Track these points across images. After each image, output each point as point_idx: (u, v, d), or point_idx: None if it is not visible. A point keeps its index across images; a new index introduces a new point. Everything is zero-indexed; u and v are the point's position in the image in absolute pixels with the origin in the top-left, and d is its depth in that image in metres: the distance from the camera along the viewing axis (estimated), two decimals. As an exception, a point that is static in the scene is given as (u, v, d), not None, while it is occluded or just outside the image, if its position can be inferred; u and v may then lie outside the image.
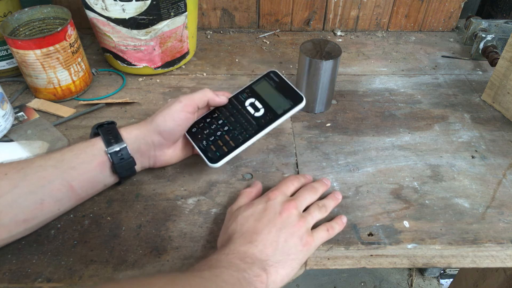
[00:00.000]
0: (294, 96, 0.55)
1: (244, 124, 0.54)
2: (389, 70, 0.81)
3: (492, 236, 0.50)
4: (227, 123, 0.54)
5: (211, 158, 0.52)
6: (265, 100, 0.56)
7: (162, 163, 0.55)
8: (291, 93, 0.55)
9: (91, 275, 0.44)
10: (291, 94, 0.55)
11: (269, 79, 0.57)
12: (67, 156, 0.47)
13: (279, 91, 0.56)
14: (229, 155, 0.52)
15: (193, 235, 0.49)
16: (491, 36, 0.81)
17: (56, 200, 0.46)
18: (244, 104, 0.56)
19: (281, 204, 0.47)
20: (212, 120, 0.55)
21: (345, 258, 0.50)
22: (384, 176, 0.58)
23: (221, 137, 0.53)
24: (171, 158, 0.55)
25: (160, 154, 0.53)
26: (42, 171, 0.45)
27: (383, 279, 1.44)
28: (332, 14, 0.91)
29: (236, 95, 0.57)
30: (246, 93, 0.57)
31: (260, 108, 0.55)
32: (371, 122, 0.67)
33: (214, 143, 0.53)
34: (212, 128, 0.54)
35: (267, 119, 0.54)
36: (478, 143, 0.64)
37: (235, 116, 0.55)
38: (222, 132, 0.54)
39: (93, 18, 0.69)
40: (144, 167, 0.54)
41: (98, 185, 0.50)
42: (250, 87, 0.57)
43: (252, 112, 0.55)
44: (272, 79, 0.57)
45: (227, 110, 0.56)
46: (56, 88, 0.67)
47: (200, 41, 0.88)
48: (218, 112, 0.56)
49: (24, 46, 0.61)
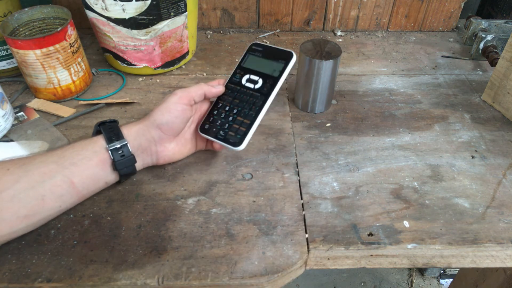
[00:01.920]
0: (283, 55, 0.56)
1: (249, 100, 0.55)
2: (389, 70, 0.81)
3: (492, 236, 0.50)
4: (234, 106, 0.56)
5: (234, 143, 0.53)
6: (258, 71, 0.57)
7: (166, 159, 0.55)
8: (279, 53, 0.57)
9: (91, 275, 0.44)
10: (279, 54, 0.57)
11: (253, 52, 0.59)
12: (69, 152, 0.47)
13: (267, 57, 0.58)
14: (249, 132, 0.53)
15: (193, 235, 0.49)
16: (491, 36, 0.81)
17: (57, 196, 0.46)
18: (241, 83, 0.57)
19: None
20: (219, 111, 0.56)
21: (345, 258, 0.50)
22: (384, 176, 0.58)
23: (234, 120, 0.55)
24: (174, 154, 0.55)
25: (162, 149, 0.53)
26: (43, 167, 0.45)
27: (383, 279, 1.44)
28: (332, 14, 0.91)
29: (230, 79, 0.58)
30: (238, 73, 0.58)
31: (258, 80, 0.56)
32: (371, 122, 0.67)
33: (230, 129, 0.54)
34: (222, 117, 0.55)
35: (268, 86, 0.55)
36: (478, 143, 0.64)
37: (239, 97, 0.56)
38: (233, 116, 0.55)
39: (93, 18, 0.69)
40: (146, 164, 0.54)
41: (99, 182, 0.50)
42: (239, 65, 0.59)
43: (252, 86, 0.56)
44: (256, 51, 0.59)
45: (229, 95, 0.57)
46: (56, 88, 0.67)
47: (200, 41, 0.88)
48: (221, 102, 0.57)
49: (24, 46, 0.61)
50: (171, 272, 0.45)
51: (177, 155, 0.56)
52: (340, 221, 0.51)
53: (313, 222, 0.51)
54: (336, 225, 0.51)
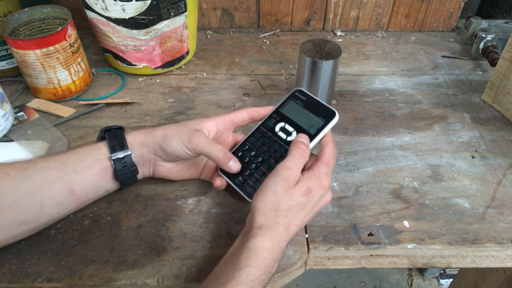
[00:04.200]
0: (325, 112, 0.51)
1: (278, 151, 0.50)
2: (389, 70, 0.81)
3: (492, 236, 0.50)
4: (260, 153, 0.51)
5: (250, 194, 0.49)
6: (295, 122, 0.52)
7: (161, 175, 0.53)
8: (322, 109, 0.51)
9: (91, 275, 0.44)
10: (321, 110, 0.51)
11: (295, 99, 0.53)
12: (71, 159, 0.46)
13: (308, 109, 0.52)
14: None
15: (193, 235, 0.49)
16: (491, 36, 0.81)
17: (57, 203, 0.45)
18: (274, 130, 0.52)
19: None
20: (244, 154, 0.52)
21: (345, 258, 0.50)
22: (384, 176, 0.58)
23: (256, 169, 0.50)
24: (170, 174, 0.53)
25: (160, 165, 0.52)
26: (44, 172, 0.45)
27: (383, 279, 1.44)
28: (332, 14, 0.91)
29: (264, 122, 0.53)
30: (274, 118, 0.53)
31: (292, 132, 0.51)
32: (371, 122, 0.67)
33: (250, 177, 0.50)
34: (245, 161, 0.51)
35: None
36: (478, 143, 0.64)
37: (267, 144, 0.51)
38: (257, 164, 0.50)
39: (93, 18, 0.69)
40: (144, 175, 0.53)
41: (99, 190, 0.49)
42: (277, 110, 0.53)
43: (284, 137, 0.51)
44: (298, 98, 0.53)
45: (258, 140, 0.52)
46: (56, 88, 0.67)
47: (200, 41, 0.88)
48: (248, 144, 0.52)
49: (24, 46, 0.61)
50: (171, 272, 0.45)
51: (173, 175, 0.53)
52: (340, 221, 0.51)
53: (313, 222, 0.51)
54: (336, 225, 0.51)
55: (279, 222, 0.42)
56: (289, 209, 0.43)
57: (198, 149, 0.48)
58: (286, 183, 0.43)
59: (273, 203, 0.43)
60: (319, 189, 0.45)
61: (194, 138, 0.47)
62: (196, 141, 0.47)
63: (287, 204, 0.43)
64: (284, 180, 0.43)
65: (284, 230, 0.43)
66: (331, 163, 0.47)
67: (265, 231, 0.42)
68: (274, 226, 0.42)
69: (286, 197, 0.43)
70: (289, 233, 0.43)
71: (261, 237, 0.41)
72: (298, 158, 0.45)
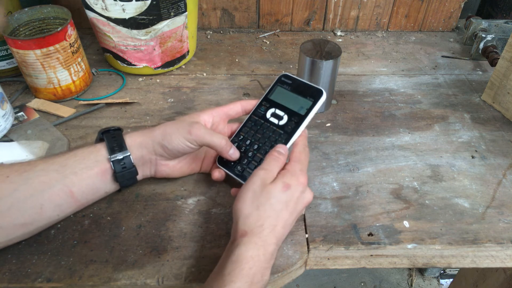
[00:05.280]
0: (312, 91, 0.52)
1: (272, 136, 0.52)
2: (389, 70, 0.81)
3: (492, 236, 0.50)
4: (255, 141, 0.52)
5: None
6: (285, 106, 0.53)
7: (163, 175, 0.53)
8: (309, 89, 0.53)
9: (91, 275, 0.44)
10: (308, 91, 0.53)
11: (282, 84, 0.55)
12: (71, 161, 0.46)
13: (295, 92, 0.54)
14: None
15: (193, 235, 0.49)
16: (491, 36, 0.81)
17: (56, 205, 0.45)
18: (266, 116, 0.53)
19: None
20: (240, 144, 0.53)
21: (345, 258, 0.50)
22: (384, 176, 0.58)
23: (254, 157, 0.51)
24: (172, 172, 0.53)
25: (162, 164, 0.52)
26: (43, 175, 0.45)
27: (383, 279, 1.44)
28: (332, 14, 0.91)
29: (255, 110, 0.54)
30: (264, 105, 0.54)
31: (283, 116, 0.52)
32: (371, 122, 0.67)
33: (249, 165, 0.51)
34: (242, 151, 0.52)
35: (293, 124, 0.52)
36: (478, 143, 0.64)
37: (261, 132, 0.53)
38: (253, 152, 0.51)
39: (93, 18, 0.69)
40: (145, 175, 0.53)
41: (99, 191, 0.49)
42: (266, 97, 0.55)
43: (276, 122, 0.52)
44: (285, 83, 0.55)
45: (251, 128, 0.53)
46: (56, 88, 0.67)
47: (200, 41, 0.88)
48: (242, 134, 0.54)
49: (24, 46, 0.61)
50: (171, 272, 0.45)
51: (176, 173, 0.53)
52: (340, 221, 0.51)
53: (313, 222, 0.51)
54: (336, 225, 0.51)
55: (263, 224, 0.42)
56: (271, 208, 0.43)
57: (199, 140, 0.48)
58: (262, 181, 0.44)
59: (253, 202, 0.43)
60: (298, 185, 0.45)
61: (194, 129, 0.48)
62: (197, 132, 0.48)
63: (268, 202, 0.43)
64: (260, 179, 0.44)
65: (270, 232, 0.42)
66: (303, 160, 0.48)
67: (249, 238, 0.41)
68: (258, 230, 0.42)
69: (264, 193, 0.43)
70: (276, 235, 0.43)
71: (244, 247, 0.41)
72: (273, 161, 0.47)
